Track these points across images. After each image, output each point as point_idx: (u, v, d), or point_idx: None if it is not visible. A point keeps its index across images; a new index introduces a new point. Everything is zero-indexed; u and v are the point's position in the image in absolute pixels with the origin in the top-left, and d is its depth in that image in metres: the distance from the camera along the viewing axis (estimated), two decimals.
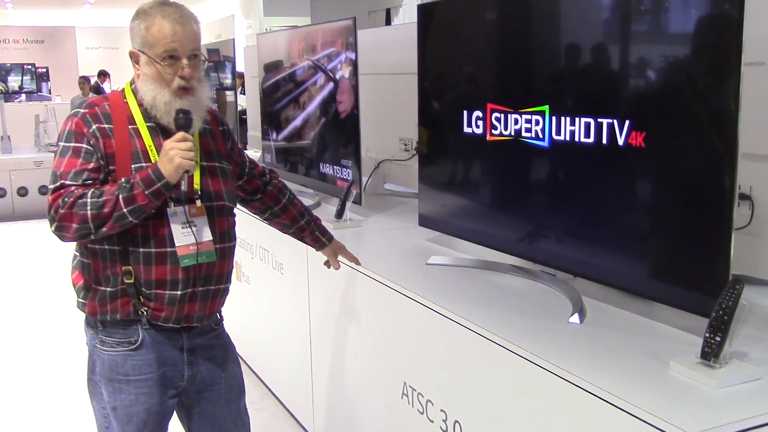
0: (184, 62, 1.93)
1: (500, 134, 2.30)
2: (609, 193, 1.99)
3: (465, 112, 2.46)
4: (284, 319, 3.43)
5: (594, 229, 2.05)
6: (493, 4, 2.47)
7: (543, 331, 1.90)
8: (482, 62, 2.50)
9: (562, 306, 2.05)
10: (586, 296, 2.07)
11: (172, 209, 1.95)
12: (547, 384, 1.69)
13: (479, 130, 2.40)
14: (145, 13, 1.94)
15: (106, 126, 1.93)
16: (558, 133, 2.06)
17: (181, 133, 1.89)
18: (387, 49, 3.95)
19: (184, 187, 1.89)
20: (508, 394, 1.86)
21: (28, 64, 13.11)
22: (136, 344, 2.01)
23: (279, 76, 4.05)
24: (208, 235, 2.01)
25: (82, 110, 1.95)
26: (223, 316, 2.22)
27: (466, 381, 2.02)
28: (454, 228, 2.67)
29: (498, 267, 2.43)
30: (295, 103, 3.87)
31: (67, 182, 1.86)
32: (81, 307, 2.05)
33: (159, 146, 1.93)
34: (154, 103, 1.95)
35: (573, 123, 2.00)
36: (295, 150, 3.93)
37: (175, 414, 2.18)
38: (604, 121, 1.90)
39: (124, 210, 1.84)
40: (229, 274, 2.14)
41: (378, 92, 3.87)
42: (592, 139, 1.95)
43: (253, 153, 5.13)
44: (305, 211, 2.46)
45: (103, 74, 13.68)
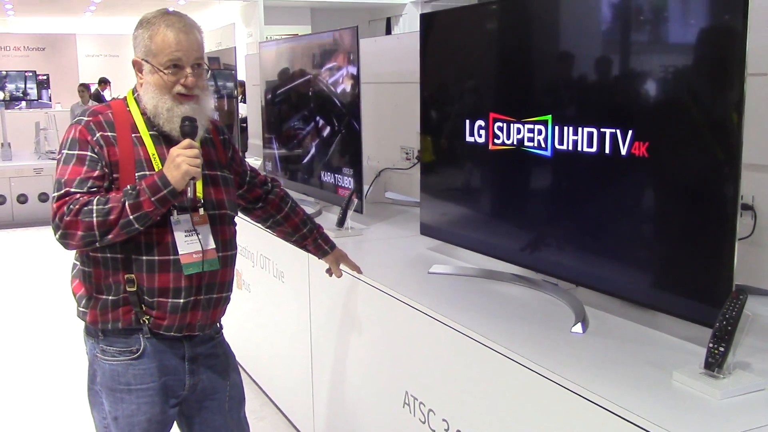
0: (188, 71, 1.94)
1: (502, 143, 2.30)
2: (612, 203, 1.99)
3: (467, 121, 2.46)
4: (285, 328, 3.42)
5: (596, 239, 2.05)
6: (495, 14, 2.48)
7: (545, 340, 1.90)
8: (484, 71, 2.50)
9: (565, 315, 2.05)
10: (588, 306, 2.07)
11: (175, 217, 1.95)
12: (550, 393, 1.68)
13: (481, 140, 2.40)
14: (148, 23, 1.95)
15: (109, 134, 1.93)
16: (561, 143, 2.06)
17: (187, 140, 1.89)
18: (388, 58, 3.96)
19: (189, 194, 1.90)
20: (510, 403, 1.86)
21: (29, 71, 13.12)
22: (138, 353, 2.00)
23: (280, 85, 4.05)
24: (211, 244, 2.01)
25: (86, 118, 1.94)
26: (222, 325, 2.22)
27: (468, 390, 2.01)
28: (456, 237, 2.67)
29: (500, 276, 2.43)
30: (296, 112, 3.87)
31: (72, 190, 1.85)
32: (81, 316, 2.04)
33: (162, 155, 1.93)
34: (157, 111, 1.95)
35: (576, 132, 2.00)
36: (297, 158, 3.93)
37: (175, 423, 2.17)
38: (607, 131, 1.90)
39: (131, 217, 1.83)
40: (231, 283, 2.14)
41: (379, 101, 3.88)
42: (594, 149, 1.95)
43: (254, 161, 5.14)
44: (307, 219, 2.46)
45: (103, 82, 13.71)
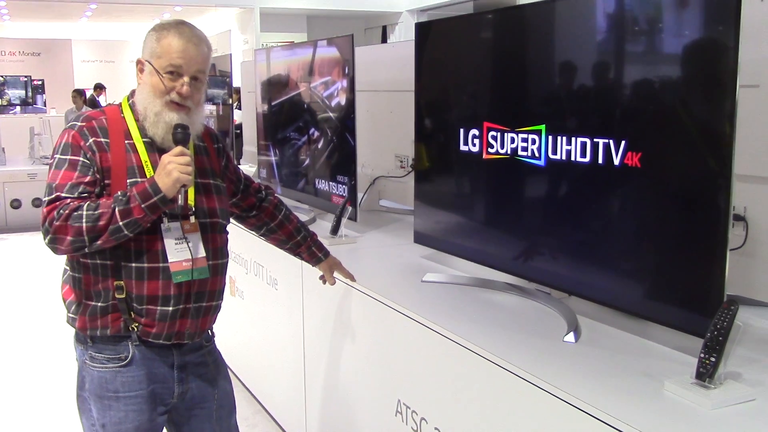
0: (185, 80, 1.94)
1: (496, 152, 2.31)
2: (604, 213, 2.00)
3: (461, 130, 2.47)
4: (278, 335, 3.42)
5: (589, 248, 2.05)
6: (490, 24, 2.49)
7: (538, 349, 1.90)
8: (479, 81, 2.51)
9: (557, 325, 2.05)
10: (581, 315, 2.08)
11: (166, 225, 1.95)
12: (542, 403, 1.68)
13: (475, 148, 2.41)
14: (161, 27, 1.97)
15: (102, 140, 1.93)
16: (554, 153, 2.07)
17: (179, 148, 1.89)
18: (384, 66, 3.97)
19: (180, 201, 1.89)
20: (502, 412, 1.85)
21: (24, 77, 13.12)
22: (126, 360, 1.99)
23: (275, 93, 4.06)
24: (201, 252, 2.00)
25: (79, 123, 1.94)
26: (214, 333, 2.21)
27: (461, 399, 2.01)
28: (450, 245, 2.67)
29: (493, 285, 2.43)
30: (291, 120, 3.87)
31: (63, 194, 1.85)
32: (71, 322, 2.03)
33: (155, 162, 1.93)
34: (146, 113, 1.95)
35: (569, 142, 2.01)
36: (291, 165, 3.93)
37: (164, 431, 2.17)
38: (600, 141, 1.91)
39: (120, 223, 1.83)
40: (222, 291, 2.13)
41: (374, 109, 3.89)
42: (588, 159, 1.95)
43: (248, 168, 5.14)
44: (301, 226, 2.46)
45: (99, 87, 13.70)
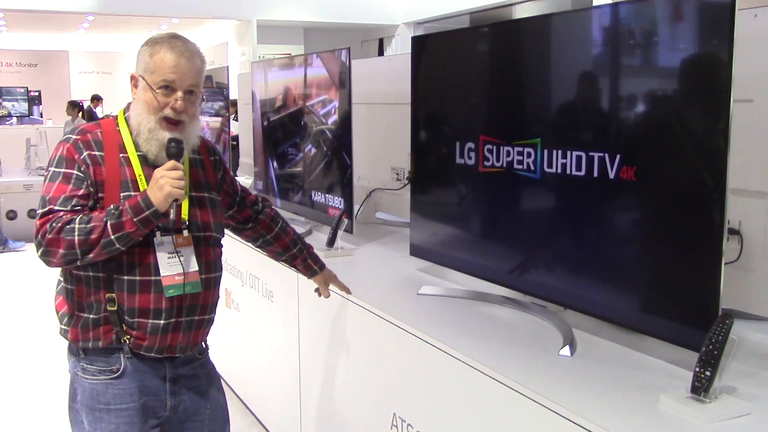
0: (179, 95, 1.94)
1: (492, 166, 2.32)
2: (600, 227, 2.01)
3: (457, 143, 2.48)
4: (273, 348, 3.41)
5: (585, 262, 2.06)
6: (486, 38, 2.51)
7: (534, 363, 1.90)
8: (475, 94, 2.52)
9: (553, 338, 2.05)
10: (576, 328, 2.07)
11: (159, 239, 1.95)
12: (538, 416, 1.68)
13: (471, 161, 2.41)
14: (154, 41, 1.97)
15: (97, 153, 1.93)
16: (549, 166, 2.08)
17: (172, 162, 1.89)
18: (380, 79, 3.99)
19: (172, 215, 1.89)
20: (498, 426, 1.85)
21: (21, 87, 13.13)
22: (118, 373, 1.99)
23: (273, 105, 4.07)
24: (194, 266, 2.00)
25: (74, 136, 1.95)
26: (208, 345, 2.21)
27: (456, 412, 2.01)
28: (446, 258, 2.67)
29: (489, 298, 2.43)
30: (287, 132, 3.88)
31: (56, 207, 1.86)
32: (63, 333, 2.03)
33: (149, 176, 1.93)
34: (140, 129, 1.96)
35: (564, 156, 2.02)
36: (287, 177, 3.93)
37: None
38: (596, 155, 1.92)
39: (112, 237, 1.83)
40: (215, 305, 2.13)
41: (371, 121, 3.90)
42: (583, 172, 1.96)
43: (245, 180, 5.14)
44: (298, 239, 2.46)
45: (96, 99, 13.72)
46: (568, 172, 2.01)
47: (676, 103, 1.79)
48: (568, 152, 2.00)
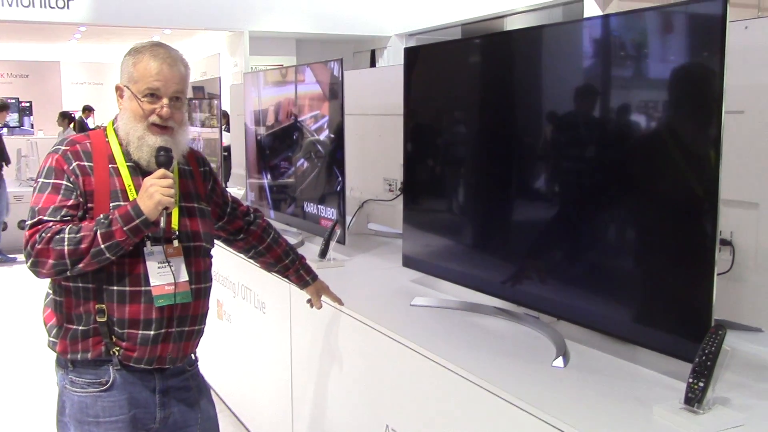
0: (164, 101, 1.94)
1: (484, 176, 2.32)
2: (592, 237, 2.01)
3: (449, 154, 2.48)
4: (265, 360, 3.39)
5: (577, 273, 2.05)
6: (477, 49, 2.52)
7: (527, 374, 1.89)
8: (467, 105, 2.53)
9: (546, 349, 2.04)
10: (569, 340, 2.07)
11: (149, 248, 1.94)
12: (531, 428, 1.67)
13: (463, 172, 2.41)
14: (136, 51, 1.98)
15: (86, 164, 1.93)
16: (542, 177, 2.08)
17: (161, 170, 1.89)
18: (372, 90, 3.99)
19: (162, 224, 1.88)
20: None
21: (12, 98, 13.10)
22: (107, 385, 1.97)
23: (266, 116, 4.06)
24: (184, 276, 1.99)
25: (63, 147, 1.95)
26: (197, 357, 2.19)
27: (449, 424, 2.00)
28: (438, 269, 2.67)
29: (482, 309, 2.42)
30: (280, 144, 3.88)
31: (45, 218, 1.85)
32: (51, 346, 2.01)
33: (138, 186, 1.93)
34: (129, 138, 1.96)
35: (557, 167, 2.02)
36: (280, 188, 3.93)
37: None
38: (588, 166, 1.92)
39: (102, 246, 1.82)
40: (204, 315, 2.12)
41: (363, 132, 3.90)
42: (575, 183, 1.96)
43: (236, 191, 5.13)
44: (290, 250, 2.45)
45: (87, 109, 13.69)
46: (561, 183, 2.01)
47: (668, 114, 1.80)
48: (561, 163, 2.01)
